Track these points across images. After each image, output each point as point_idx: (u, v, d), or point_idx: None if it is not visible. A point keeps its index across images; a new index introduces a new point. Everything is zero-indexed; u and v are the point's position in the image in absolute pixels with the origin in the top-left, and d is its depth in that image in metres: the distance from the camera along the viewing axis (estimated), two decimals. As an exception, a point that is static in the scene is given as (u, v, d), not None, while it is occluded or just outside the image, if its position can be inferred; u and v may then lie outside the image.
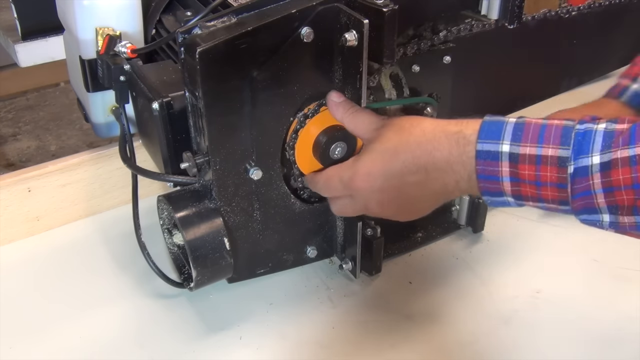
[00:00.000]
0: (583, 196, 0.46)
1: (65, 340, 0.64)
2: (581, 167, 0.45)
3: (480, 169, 0.49)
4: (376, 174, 0.55)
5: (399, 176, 0.53)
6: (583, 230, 0.76)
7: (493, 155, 0.49)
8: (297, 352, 0.62)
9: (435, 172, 0.52)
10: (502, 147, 0.48)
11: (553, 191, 0.48)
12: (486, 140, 0.49)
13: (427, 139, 0.52)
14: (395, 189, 0.54)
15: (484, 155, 0.49)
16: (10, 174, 0.76)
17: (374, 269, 0.68)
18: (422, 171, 0.52)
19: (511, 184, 0.49)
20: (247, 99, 0.56)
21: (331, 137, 0.61)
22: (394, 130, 0.54)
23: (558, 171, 0.47)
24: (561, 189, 0.47)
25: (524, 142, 0.48)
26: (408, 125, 0.54)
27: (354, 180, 0.56)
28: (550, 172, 0.47)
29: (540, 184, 0.48)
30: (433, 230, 0.76)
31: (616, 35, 0.90)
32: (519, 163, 0.48)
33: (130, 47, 0.66)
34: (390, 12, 0.52)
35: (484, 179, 0.50)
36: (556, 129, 0.47)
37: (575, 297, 0.68)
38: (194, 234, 0.59)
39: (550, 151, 0.47)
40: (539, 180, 0.48)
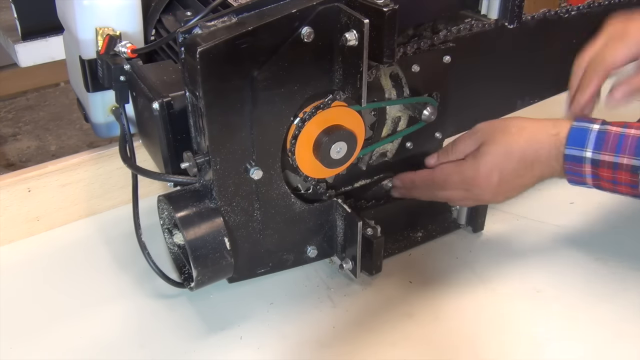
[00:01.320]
0: None
1: (65, 340, 0.64)
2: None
3: (568, 167, 0.62)
4: (495, 173, 0.65)
5: (513, 171, 0.65)
6: (583, 230, 0.77)
7: (578, 159, 0.61)
8: (298, 351, 0.62)
9: (539, 166, 0.64)
10: (585, 153, 0.61)
11: (627, 189, 0.60)
12: (573, 146, 0.61)
13: (535, 140, 0.64)
14: (508, 183, 0.66)
15: (571, 158, 0.62)
16: (10, 174, 0.76)
17: (374, 269, 0.68)
18: (529, 166, 0.64)
19: (592, 180, 0.62)
20: (247, 99, 0.56)
21: (331, 137, 0.61)
22: (503, 134, 0.66)
23: (631, 176, 0.59)
24: (634, 188, 0.60)
25: (604, 151, 0.60)
26: (515, 129, 0.65)
27: (476, 178, 0.66)
28: (624, 175, 0.60)
29: (616, 183, 0.61)
30: (433, 230, 0.76)
31: (616, 35, 0.89)
32: (600, 167, 0.61)
33: (130, 47, 0.66)
34: (391, 11, 0.52)
35: (571, 174, 0.63)
36: (632, 139, 0.59)
37: (575, 297, 0.68)
38: (194, 234, 0.59)
39: (625, 160, 0.59)
40: (615, 180, 0.61)
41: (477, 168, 0.66)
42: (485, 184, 0.66)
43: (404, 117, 0.70)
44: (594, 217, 0.77)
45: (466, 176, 0.67)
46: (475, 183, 0.67)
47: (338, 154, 0.62)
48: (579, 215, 0.79)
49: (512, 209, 0.80)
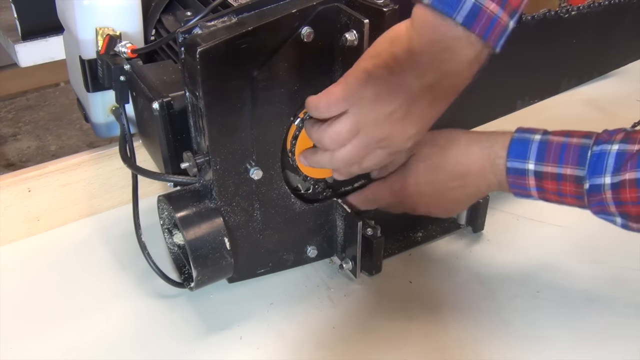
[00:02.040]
0: (598, 205, 0.56)
1: (65, 340, 0.64)
2: (595, 184, 0.55)
3: (512, 181, 0.60)
4: (422, 184, 0.64)
5: (443, 184, 0.64)
6: (583, 230, 0.77)
7: (521, 171, 0.59)
8: (297, 351, 0.62)
9: (472, 179, 0.62)
10: (528, 165, 0.58)
11: (573, 200, 0.58)
12: (515, 159, 0.59)
13: (463, 153, 0.62)
14: (439, 194, 0.65)
15: (513, 172, 0.59)
16: (10, 174, 0.76)
17: (374, 269, 0.68)
18: (460, 179, 0.62)
19: (537, 192, 0.59)
20: (247, 99, 0.56)
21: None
22: (431, 147, 0.64)
23: (576, 187, 0.56)
24: (579, 199, 0.57)
25: (547, 162, 0.57)
26: (444, 142, 0.63)
27: (405, 189, 0.65)
28: (569, 187, 0.57)
29: (562, 195, 0.58)
30: (433, 230, 0.76)
31: (616, 35, 0.90)
32: (543, 179, 0.58)
33: (130, 47, 0.66)
34: (390, 11, 0.52)
35: (514, 187, 0.60)
36: (574, 149, 0.56)
37: (575, 297, 0.68)
38: (194, 234, 0.59)
39: (569, 170, 0.56)
40: (560, 192, 0.58)
41: (403, 179, 0.65)
42: (415, 195, 0.65)
43: (404, 117, 0.70)
44: (594, 217, 0.77)
45: (394, 189, 0.66)
46: (405, 194, 0.65)
47: (338, 154, 0.62)
48: (579, 215, 0.78)
49: (512, 209, 0.80)
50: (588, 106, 1.04)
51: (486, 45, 0.50)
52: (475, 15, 0.48)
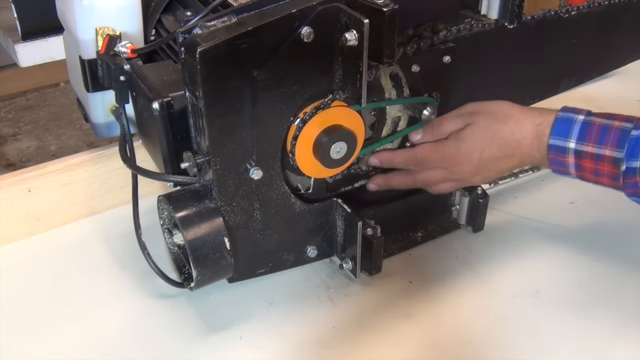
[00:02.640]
0: (632, 188, 0.59)
1: (65, 340, 0.64)
2: (631, 167, 0.58)
3: (552, 157, 0.63)
4: (476, 154, 0.66)
5: (493, 156, 0.66)
6: (583, 230, 0.77)
7: (562, 149, 0.62)
8: (298, 351, 0.62)
9: (520, 153, 0.65)
10: (569, 144, 0.61)
11: (609, 180, 0.61)
12: (557, 137, 0.62)
13: (519, 129, 0.64)
14: (488, 165, 0.67)
15: (554, 149, 0.62)
16: (10, 174, 0.76)
17: (374, 269, 0.68)
18: (510, 153, 0.65)
19: (575, 170, 0.63)
20: (247, 99, 0.56)
21: (331, 137, 0.61)
22: (490, 119, 0.66)
23: (613, 168, 0.60)
24: (615, 180, 0.60)
25: (587, 142, 0.60)
26: (501, 117, 0.66)
27: (457, 156, 0.67)
28: (607, 167, 0.60)
29: (598, 174, 0.61)
30: (433, 230, 0.76)
31: (616, 35, 0.90)
32: (582, 158, 0.61)
33: (130, 47, 0.66)
34: (390, 11, 0.52)
35: (555, 164, 0.64)
36: (615, 131, 0.59)
37: (575, 297, 0.68)
38: (194, 234, 0.59)
39: (607, 152, 0.59)
40: (597, 171, 0.61)
41: (458, 147, 0.67)
42: (465, 162, 0.67)
43: (404, 117, 0.70)
44: (594, 217, 0.77)
45: (447, 154, 0.67)
46: (456, 161, 0.67)
47: (338, 154, 0.62)
48: (579, 215, 0.79)
49: (512, 209, 0.80)
50: (588, 106, 1.04)
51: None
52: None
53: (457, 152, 0.67)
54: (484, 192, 0.73)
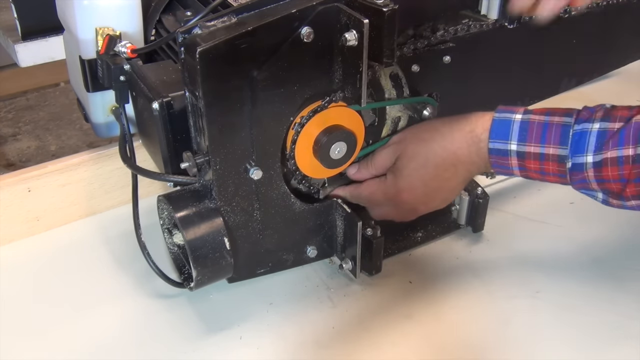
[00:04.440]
0: (580, 183, 0.58)
1: (65, 340, 0.64)
2: (577, 163, 0.56)
3: (494, 161, 0.61)
4: (417, 185, 0.64)
5: (435, 178, 0.63)
6: (583, 230, 0.77)
7: (503, 152, 0.59)
8: (297, 352, 0.62)
9: (461, 165, 0.63)
10: (510, 146, 0.59)
11: (555, 178, 0.59)
12: (496, 139, 0.59)
13: (448, 141, 0.62)
14: (435, 189, 0.65)
15: (495, 152, 0.60)
16: (10, 174, 0.76)
17: (374, 269, 0.68)
18: (450, 168, 0.63)
19: (520, 171, 0.60)
20: (247, 99, 0.56)
21: (331, 137, 0.61)
22: (416, 143, 0.64)
23: (558, 166, 0.57)
24: (562, 177, 0.58)
25: (529, 142, 0.58)
26: (427, 136, 0.63)
27: (400, 195, 0.65)
28: (552, 166, 0.58)
29: (544, 173, 0.59)
30: (433, 230, 0.76)
31: (616, 35, 0.90)
32: (526, 159, 0.59)
33: (130, 47, 0.66)
34: (390, 12, 0.52)
35: (497, 167, 0.61)
36: (556, 128, 0.57)
37: (575, 297, 0.68)
38: (194, 234, 0.59)
39: (551, 150, 0.57)
40: (543, 171, 0.59)
41: (397, 184, 0.65)
42: (411, 198, 0.65)
43: (404, 117, 0.70)
44: (594, 217, 0.77)
45: (389, 193, 0.66)
46: (401, 199, 0.65)
47: (338, 154, 0.62)
48: (579, 215, 0.79)
49: (512, 209, 0.80)
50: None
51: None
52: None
53: (397, 189, 0.65)
54: (484, 192, 0.73)
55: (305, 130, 0.61)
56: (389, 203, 0.67)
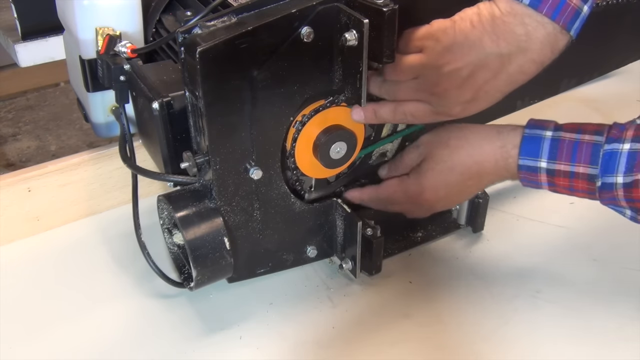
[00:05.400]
0: (609, 200, 0.58)
1: (65, 340, 0.64)
2: (607, 183, 0.56)
3: (523, 177, 0.61)
4: (440, 187, 0.65)
5: (458, 184, 0.64)
6: (583, 230, 0.77)
7: (533, 169, 0.59)
8: (297, 352, 0.62)
9: (486, 176, 0.63)
10: (540, 163, 0.59)
11: (584, 195, 0.59)
12: (526, 157, 0.59)
13: (477, 152, 0.62)
14: (455, 194, 0.66)
15: (525, 168, 0.60)
16: (10, 174, 0.76)
17: (373, 269, 0.68)
18: (475, 177, 0.63)
19: (549, 187, 0.60)
20: (247, 99, 0.56)
21: (331, 137, 0.61)
22: (444, 149, 0.64)
23: (588, 184, 0.57)
24: (591, 194, 0.58)
25: (559, 160, 0.58)
26: (456, 143, 0.63)
27: (422, 195, 0.66)
28: (581, 184, 0.58)
29: (573, 190, 0.59)
30: (433, 230, 0.76)
31: (616, 35, 0.90)
32: (555, 176, 0.59)
33: (130, 47, 0.66)
34: (390, 11, 0.52)
35: (526, 182, 0.61)
36: (587, 147, 0.57)
37: (575, 297, 0.68)
38: (194, 234, 0.59)
39: (581, 169, 0.57)
40: (572, 188, 0.59)
41: (420, 184, 0.65)
42: (432, 199, 0.66)
43: (403, 117, 0.70)
44: (594, 217, 0.77)
45: (411, 193, 0.66)
46: (422, 199, 0.66)
47: (337, 154, 0.62)
48: (579, 215, 0.79)
49: (512, 209, 0.80)
50: (588, 106, 1.04)
51: (558, 28, 0.52)
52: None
53: (420, 189, 0.66)
54: (484, 192, 0.73)
55: (306, 130, 0.61)
56: (409, 201, 0.67)
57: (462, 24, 0.54)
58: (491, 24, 0.53)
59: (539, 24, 0.52)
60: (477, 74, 0.54)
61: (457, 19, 0.54)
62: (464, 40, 0.53)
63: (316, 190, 0.68)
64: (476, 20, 0.53)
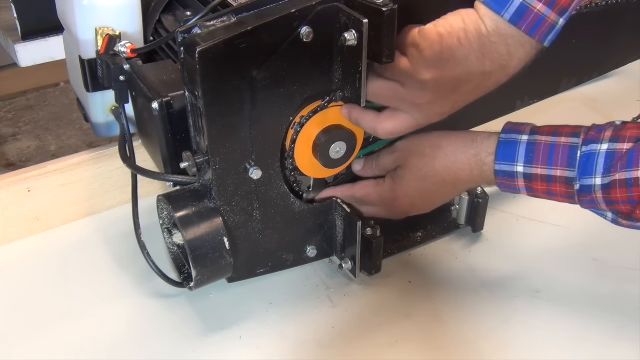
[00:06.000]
0: (589, 203, 0.57)
1: (65, 340, 0.64)
2: (585, 185, 0.55)
3: (500, 182, 0.60)
4: (414, 195, 0.65)
5: (433, 193, 0.65)
6: (583, 230, 0.77)
7: (510, 174, 0.59)
8: (297, 351, 0.62)
9: (461, 185, 0.64)
10: (517, 168, 0.58)
11: (563, 199, 0.59)
12: (503, 162, 0.59)
13: (451, 161, 0.62)
14: (430, 201, 0.67)
15: (502, 174, 0.59)
16: (10, 174, 0.76)
17: (373, 269, 0.68)
18: (450, 185, 0.63)
19: (527, 192, 0.60)
20: (246, 99, 0.56)
21: (331, 137, 0.61)
22: (419, 158, 0.64)
23: (566, 188, 0.57)
24: (570, 198, 0.58)
25: (536, 164, 0.57)
26: (430, 151, 0.63)
27: (396, 200, 0.66)
28: (559, 187, 0.57)
29: (552, 194, 0.58)
30: (432, 230, 0.76)
31: (616, 35, 0.90)
32: (533, 181, 0.58)
33: (130, 47, 0.66)
34: (390, 11, 0.52)
35: (504, 188, 0.61)
36: (563, 149, 0.56)
37: (575, 297, 0.68)
38: (193, 234, 0.59)
39: (558, 172, 0.56)
40: (550, 192, 0.58)
41: (394, 191, 0.65)
42: (406, 205, 0.66)
43: (403, 117, 0.70)
44: (594, 217, 0.77)
45: (385, 197, 0.67)
46: (396, 204, 0.67)
47: (337, 154, 0.62)
48: (579, 215, 0.78)
49: (512, 209, 0.80)
50: (588, 106, 1.04)
51: (534, 43, 0.53)
52: (522, 14, 0.51)
53: (394, 196, 0.66)
54: (484, 192, 0.73)
55: (305, 130, 0.61)
56: (383, 205, 0.68)
57: (449, 40, 0.53)
58: (478, 42, 0.53)
59: (520, 44, 0.53)
60: (460, 89, 0.56)
61: (444, 34, 0.53)
62: (450, 57, 0.54)
63: (314, 190, 0.68)
64: (463, 37, 0.53)
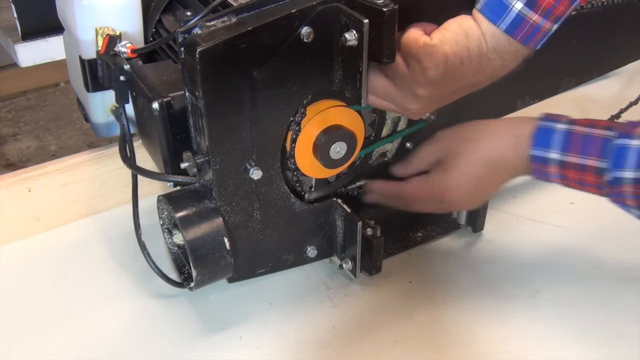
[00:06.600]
0: (616, 197, 0.58)
1: (65, 340, 0.64)
2: (616, 177, 0.56)
3: (534, 168, 0.61)
4: (464, 184, 0.65)
5: (484, 178, 0.65)
6: (583, 230, 0.77)
7: (543, 159, 0.60)
8: (297, 352, 0.62)
9: (505, 169, 0.64)
10: (551, 154, 0.59)
11: (593, 190, 0.60)
12: (538, 147, 0.60)
13: (497, 143, 0.63)
14: (481, 188, 0.66)
15: (536, 159, 0.61)
16: (10, 174, 0.76)
17: (374, 269, 0.68)
18: (497, 168, 0.64)
19: (560, 180, 0.61)
20: (247, 99, 0.56)
21: (331, 137, 0.61)
22: (465, 141, 0.65)
23: (597, 178, 0.58)
24: (600, 189, 0.59)
25: (570, 152, 0.59)
26: (473, 136, 0.65)
27: (448, 191, 0.66)
28: (591, 177, 0.58)
29: (583, 184, 0.60)
30: (433, 230, 0.76)
31: (616, 35, 0.90)
32: (566, 168, 0.59)
33: (130, 47, 0.66)
34: (390, 11, 0.52)
35: (537, 173, 0.62)
36: (597, 140, 0.58)
37: (575, 297, 0.68)
38: (194, 234, 0.59)
39: (591, 162, 0.58)
40: (582, 181, 0.60)
41: (446, 181, 0.65)
42: (458, 195, 0.66)
43: (404, 117, 0.70)
44: (594, 217, 0.77)
45: (437, 190, 0.66)
46: (448, 196, 0.66)
47: (337, 154, 0.62)
48: (579, 215, 0.79)
49: (512, 209, 0.80)
50: (588, 106, 1.04)
51: (528, 50, 0.56)
52: (518, 25, 0.54)
53: (446, 186, 0.65)
54: (484, 192, 0.73)
55: (306, 130, 0.61)
56: (434, 199, 0.67)
57: (453, 61, 0.55)
58: (478, 60, 0.55)
59: (514, 57, 0.56)
60: (448, 98, 0.60)
61: (449, 55, 0.55)
62: (450, 75, 0.56)
63: (316, 190, 0.68)
64: (466, 57, 0.55)
